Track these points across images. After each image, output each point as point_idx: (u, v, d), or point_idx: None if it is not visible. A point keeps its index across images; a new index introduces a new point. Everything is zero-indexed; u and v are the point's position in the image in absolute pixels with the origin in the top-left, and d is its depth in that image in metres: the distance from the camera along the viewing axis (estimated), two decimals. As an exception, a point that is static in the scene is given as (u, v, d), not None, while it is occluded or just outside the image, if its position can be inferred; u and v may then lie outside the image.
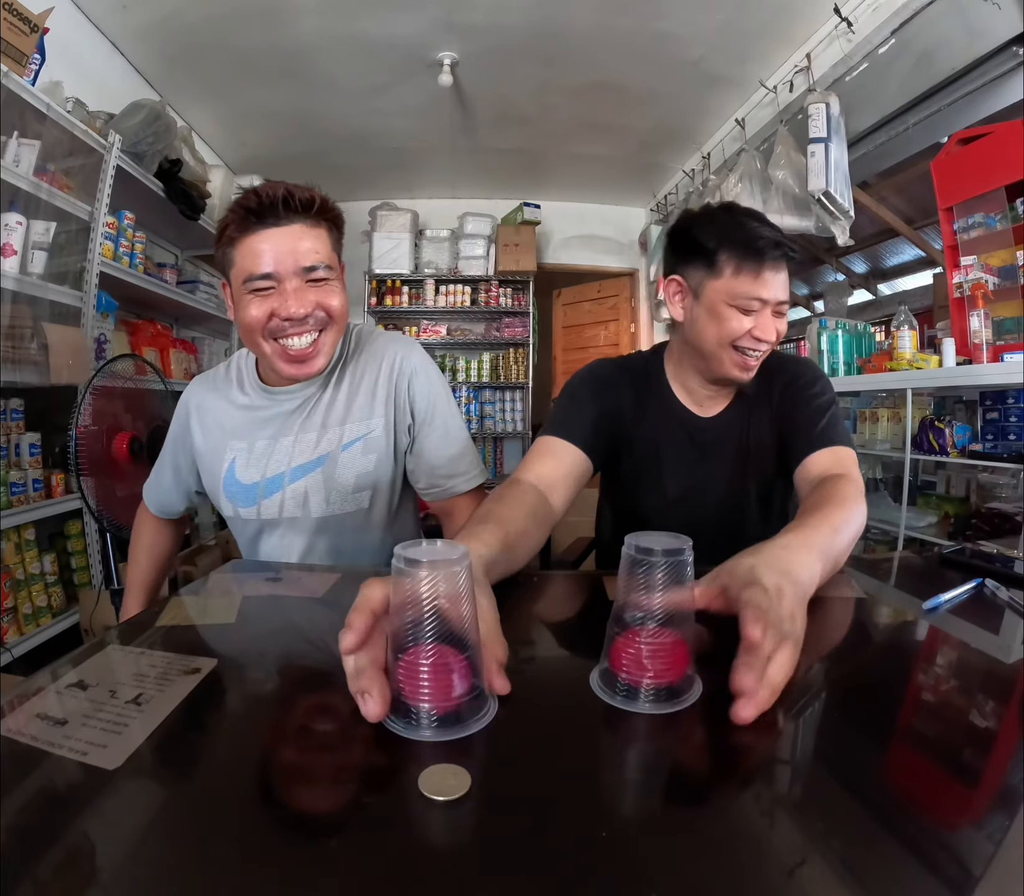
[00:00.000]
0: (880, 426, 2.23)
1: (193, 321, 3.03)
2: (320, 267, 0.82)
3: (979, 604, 0.63)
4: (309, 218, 0.81)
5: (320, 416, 0.94)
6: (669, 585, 0.41)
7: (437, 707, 0.38)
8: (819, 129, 2.14)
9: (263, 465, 0.94)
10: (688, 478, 0.98)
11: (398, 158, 3.64)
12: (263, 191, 0.79)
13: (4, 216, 1.57)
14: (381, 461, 0.95)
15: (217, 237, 0.85)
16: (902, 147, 2.49)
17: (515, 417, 4.23)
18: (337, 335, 0.89)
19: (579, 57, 2.60)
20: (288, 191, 0.79)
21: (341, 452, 0.93)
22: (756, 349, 0.87)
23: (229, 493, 0.96)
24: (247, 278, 0.81)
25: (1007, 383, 1.74)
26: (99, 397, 1.30)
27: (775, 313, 0.87)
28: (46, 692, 0.44)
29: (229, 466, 0.96)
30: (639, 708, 0.41)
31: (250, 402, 0.96)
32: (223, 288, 0.90)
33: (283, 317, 0.81)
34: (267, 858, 0.29)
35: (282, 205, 0.79)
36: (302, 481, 0.94)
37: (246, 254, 0.81)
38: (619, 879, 0.27)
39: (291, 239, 0.80)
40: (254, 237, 0.80)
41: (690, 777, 0.37)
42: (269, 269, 0.80)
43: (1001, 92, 2.03)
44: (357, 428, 0.94)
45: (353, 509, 0.95)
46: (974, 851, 0.29)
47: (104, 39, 2.40)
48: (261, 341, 0.84)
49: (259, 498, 0.95)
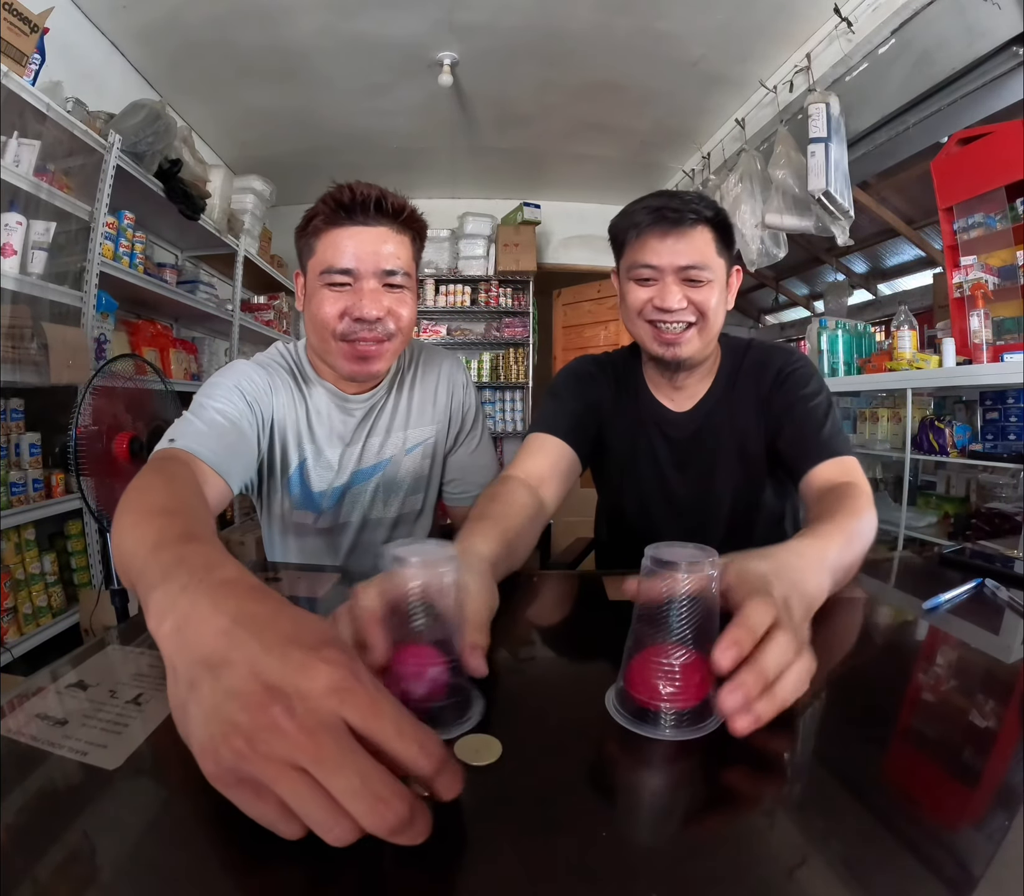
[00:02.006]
0: (880, 426, 2.23)
1: (193, 321, 3.03)
2: (399, 273, 0.82)
3: (979, 604, 0.63)
4: (396, 224, 0.82)
5: (385, 421, 0.97)
6: (696, 602, 0.38)
7: (417, 708, 0.35)
8: (819, 129, 2.14)
9: (331, 477, 0.95)
10: (661, 474, 0.97)
11: (398, 158, 3.64)
12: (357, 189, 0.79)
13: (4, 216, 1.57)
14: (433, 465, 1.01)
15: (302, 225, 0.84)
16: (902, 147, 2.49)
17: (515, 417, 4.22)
18: (401, 345, 0.89)
19: (579, 57, 2.60)
20: (382, 193, 0.80)
21: (405, 456, 0.98)
22: (663, 320, 0.83)
23: (293, 493, 0.95)
24: (326, 269, 0.81)
25: (1007, 383, 1.74)
26: (99, 397, 1.30)
27: (685, 281, 0.82)
28: (46, 692, 0.44)
29: (299, 465, 0.93)
30: (659, 734, 0.38)
31: (317, 403, 0.94)
32: (295, 278, 0.90)
33: (355, 317, 0.81)
34: (267, 858, 0.29)
35: (374, 206, 0.79)
36: (363, 485, 0.97)
37: (328, 246, 0.81)
38: (619, 879, 0.27)
39: (376, 240, 0.80)
40: (340, 231, 0.80)
41: (689, 778, 0.37)
42: (350, 265, 0.80)
43: (1001, 92, 2.03)
44: (418, 433, 0.99)
45: (408, 511, 1.01)
46: (974, 851, 0.29)
47: (104, 39, 2.40)
48: (329, 338, 0.84)
49: (322, 507, 0.96)
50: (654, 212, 0.80)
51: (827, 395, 0.89)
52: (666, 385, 0.96)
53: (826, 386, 0.91)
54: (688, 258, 0.80)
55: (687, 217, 0.79)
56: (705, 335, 0.85)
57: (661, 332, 0.84)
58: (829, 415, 0.86)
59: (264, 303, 3.77)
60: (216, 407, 0.82)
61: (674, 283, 0.82)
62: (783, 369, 0.90)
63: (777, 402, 0.89)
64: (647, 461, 0.97)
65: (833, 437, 0.84)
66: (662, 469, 0.97)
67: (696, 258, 0.80)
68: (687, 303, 0.82)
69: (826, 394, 0.89)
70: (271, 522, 1.00)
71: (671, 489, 0.97)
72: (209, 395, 0.84)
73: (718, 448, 0.94)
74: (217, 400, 0.83)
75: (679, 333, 0.84)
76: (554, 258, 4.31)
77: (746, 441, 0.93)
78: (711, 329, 0.85)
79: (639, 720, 0.39)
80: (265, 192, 3.32)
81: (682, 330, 0.84)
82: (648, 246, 0.82)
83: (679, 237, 0.80)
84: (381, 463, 0.97)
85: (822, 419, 0.85)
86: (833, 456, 0.80)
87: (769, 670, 0.37)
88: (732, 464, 0.94)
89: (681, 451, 0.96)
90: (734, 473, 0.94)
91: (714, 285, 0.83)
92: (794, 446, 0.86)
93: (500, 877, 0.28)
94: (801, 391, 0.88)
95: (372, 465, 0.96)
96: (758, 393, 0.91)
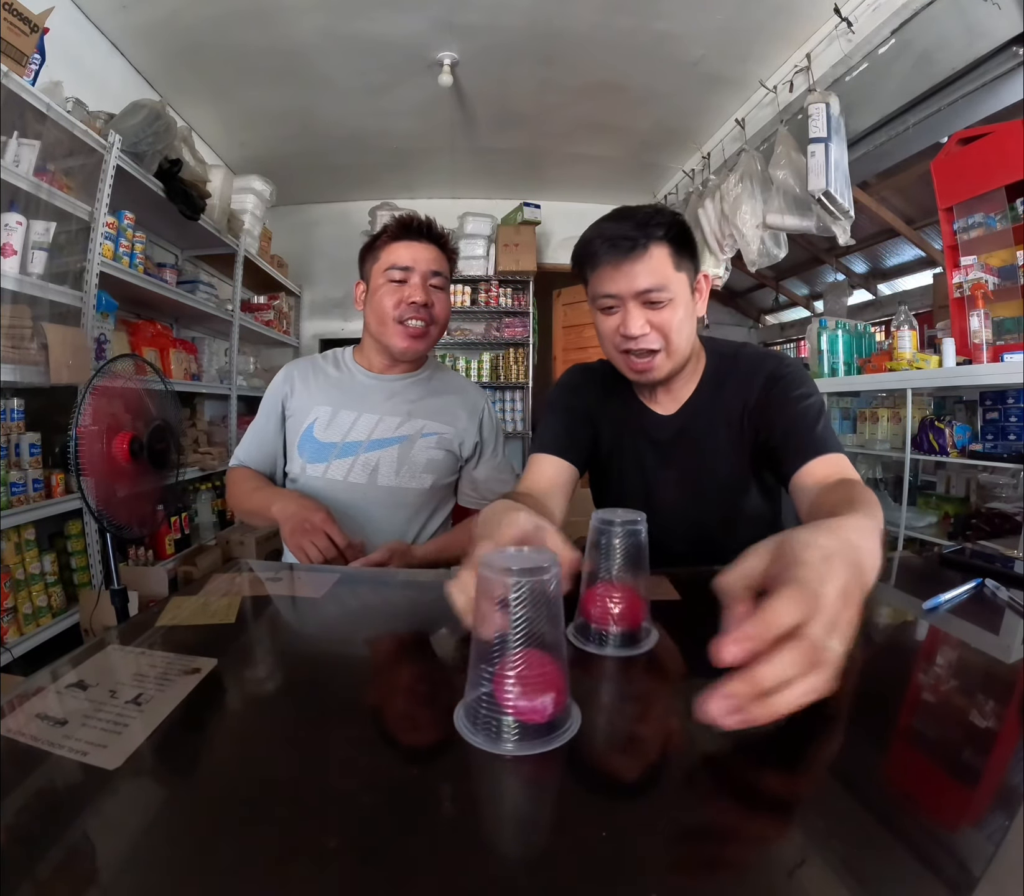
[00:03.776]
0: (880, 426, 2.23)
1: (193, 321, 3.03)
2: (441, 275, 1.12)
3: (979, 604, 0.63)
4: (438, 244, 1.13)
5: (407, 406, 1.16)
6: (626, 551, 0.52)
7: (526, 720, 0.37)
8: (819, 129, 2.14)
9: (344, 431, 1.14)
10: (644, 476, 0.98)
11: (398, 158, 3.64)
12: (415, 216, 1.12)
13: (4, 216, 1.57)
14: (447, 458, 1.17)
15: (370, 242, 1.15)
16: (902, 147, 2.49)
17: (515, 417, 4.22)
18: (437, 334, 1.16)
19: (579, 57, 2.60)
20: (430, 221, 1.13)
21: (420, 437, 1.15)
22: (630, 349, 0.85)
23: (303, 448, 1.14)
24: (390, 266, 1.09)
25: (1007, 383, 1.74)
26: (99, 397, 1.29)
27: (646, 304, 0.83)
28: (46, 692, 0.44)
29: (310, 425, 1.14)
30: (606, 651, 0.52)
31: (343, 377, 1.19)
32: (356, 287, 1.18)
33: (409, 302, 1.08)
34: (267, 858, 0.29)
35: (427, 229, 1.11)
36: (377, 452, 1.13)
37: (392, 252, 1.10)
38: (619, 879, 0.27)
39: (427, 251, 1.11)
40: (402, 244, 1.11)
41: (690, 777, 0.37)
42: (408, 264, 1.09)
43: (1001, 92, 2.03)
44: (436, 426, 1.16)
45: (416, 486, 1.14)
46: (974, 851, 0.29)
47: (104, 39, 2.40)
48: (390, 322, 1.10)
49: (331, 457, 1.13)
50: (607, 241, 0.82)
51: (819, 398, 0.89)
52: (650, 391, 0.97)
53: (818, 390, 0.91)
54: (645, 282, 0.81)
55: (639, 243, 0.81)
56: (673, 357, 0.87)
57: (632, 361, 0.87)
58: (822, 415, 0.86)
59: (264, 303, 3.77)
60: (256, 424, 1.21)
61: (635, 308, 0.83)
62: (774, 373, 0.90)
63: (768, 403, 0.89)
64: (632, 463, 0.99)
65: (827, 436, 0.83)
66: (645, 471, 0.98)
67: (652, 281, 0.82)
68: (650, 328, 0.84)
69: (818, 397, 0.89)
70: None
71: (654, 491, 0.98)
72: (259, 410, 1.22)
73: (701, 450, 0.94)
74: (258, 417, 1.21)
75: (648, 361, 0.86)
76: (554, 258, 4.31)
77: (730, 444, 0.93)
78: (678, 350, 0.87)
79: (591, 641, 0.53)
80: (265, 192, 3.32)
81: (649, 358, 0.86)
82: (606, 276, 0.84)
83: (634, 262, 0.81)
84: (399, 438, 1.14)
85: (815, 417, 0.85)
86: (826, 453, 0.80)
87: (766, 682, 0.34)
88: (715, 466, 0.94)
89: (664, 453, 0.96)
90: (717, 475, 0.94)
91: (676, 303, 0.84)
92: (787, 443, 0.85)
93: (500, 876, 0.28)
94: (794, 392, 0.88)
95: (390, 437, 1.14)
96: (747, 397, 0.91)
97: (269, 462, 1.20)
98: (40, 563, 1.73)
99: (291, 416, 1.17)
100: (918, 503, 2.17)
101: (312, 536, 0.92)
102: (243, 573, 0.84)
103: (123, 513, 1.35)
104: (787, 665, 0.34)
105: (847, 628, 0.36)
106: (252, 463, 1.20)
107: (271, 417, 1.19)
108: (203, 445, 2.88)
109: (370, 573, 0.88)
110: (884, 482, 2.38)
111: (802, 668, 0.34)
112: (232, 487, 1.18)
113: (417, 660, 0.57)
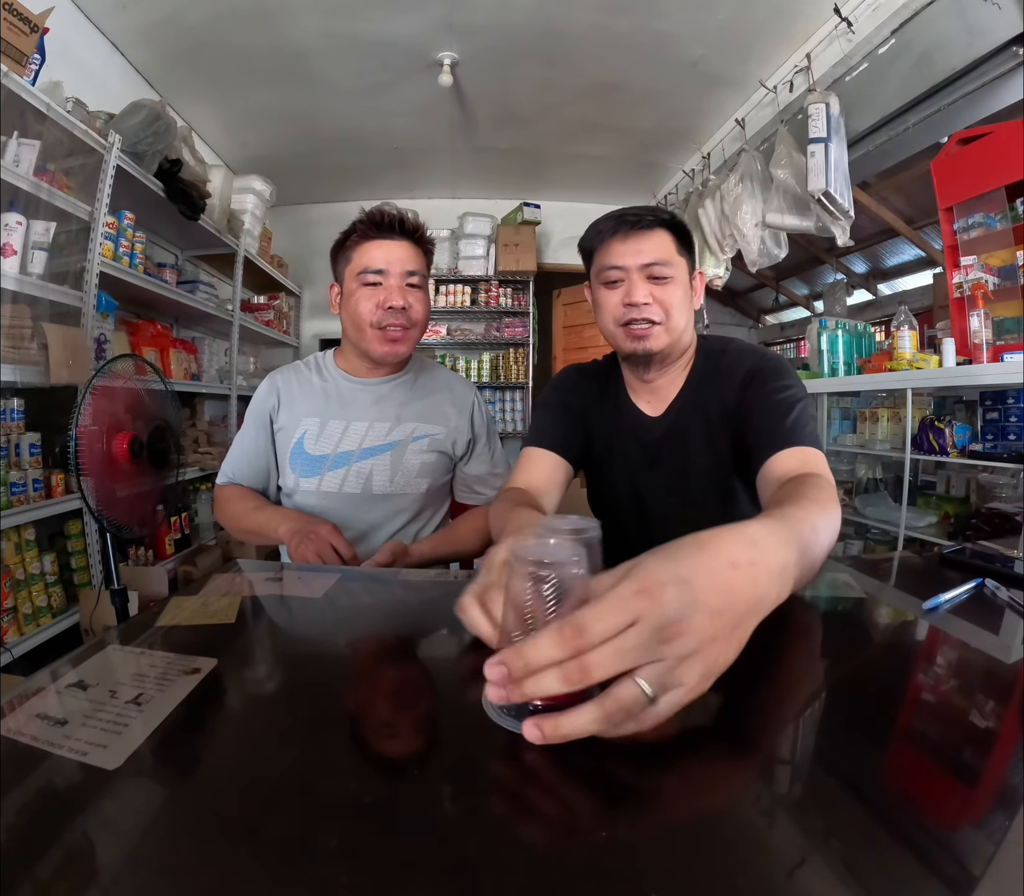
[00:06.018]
0: (880, 426, 2.23)
1: (193, 321, 3.03)
2: (418, 273, 1.06)
3: (979, 604, 0.63)
4: (412, 239, 1.06)
5: (395, 410, 1.12)
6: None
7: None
8: (819, 129, 2.14)
9: (334, 442, 1.10)
10: (631, 475, 0.98)
11: (398, 158, 3.64)
12: (385, 212, 1.04)
13: (4, 216, 1.57)
14: (440, 459, 1.14)
15: (340, 243, 1.07)
16: (902, 147, 2.49)
17: (515, 417, 4.23)
18: (417, 335, 1.10)
19: (579, 57, 2.60)
20: (402, 216, 1.05)
21: (412, 441, 1.12)
22: (636, 317, 0.87)
23: (295, 463, 1.11)
24: (363, 270, 1.03)
25: (1007, 383, 1.74)
26: (99, 397, 1.29)
27: (650, 278, 0.87)
28: (46, 692, 0.44)
29: (299, 439, 1.11)
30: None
31: (328, 386, 1.14)
32: (331, 289, 1.12)
33: (386, 307, 1.02)
34: (268, 858, 0.29)
35: (398, 224, 1.04)
36: (369, 461, 1.10)
37: (364, 254, 1.04)
38: (618, 879, 0.27)
39: (400, 250, 1.04)
40: (373, 243, 1.04)
41: (689, 777, 0.37)
42: (382, 266, 1.03)
43: (1001, 92, 2.03)
44: (427, 428, 1.13)
45: (412, 491, 1.12)
46: (974, 851, 0.29)
47: (104, 39, 2.40)
48: (367, 328, 1.04)
49: (324, 470, 1.09)
50: (615, 219, 0.88)
51: (798, 391, 0.86)
52: (643, 388, 0.97)
53: (801, 384, 0.88)
54: (650, 255, 0.86)
55: (645, 220, 0.87)
56: (671, 333, 0.90)
57: (632, 329, 0.89)
58: (796, 408, 0.83)
59: (264, 303, 3.78)
60: (244, 438, 1.16)
61: (640, 280, 0.87)
62: (753, 368, 0.89)
63: (745, 401, 0.88)
64: (620, 462, 0.99)
65: (798, 428, 0.80)
66: (632, 470, 0.98)
67: (658, 255, 0.87)
68: (652, 300, 0.87)
69: (798, 390, 0.86)
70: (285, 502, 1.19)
71: (641, 490, 0.98)
72: (245, 423, 1.17)
73: (686, 449, 0.94)
74: (245, 431, 1.16)
75: (647, 328, 0.89)
76: (554, 258, 4.32)
77: (713, 442, 0.92)
78: (676, 327, 0.90)
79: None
80: (265, 192, 3.32)
81: (649, 326, 0.89)
82: (613, 250, 0.88)
83: (640, 238, 0.87)
84: (390, 444, 1.11)
85: (787, 410, 0.82)
86: (795, 445, 0.77)
87: (531, 664, 0.33)
88: (700, 465, 0.94)
89: (651, 452, 0.97)
90: (702, 475, 0.94)
91: (677, 283, 0.88)
92: (757, 437, 0.82)
93: (500, 876, 0.28)
94: (769, 385, 0.86)
95: (381, 445, 1.11)
96: (725, 396, 0.90)
97: (261, 478, 1.15)
98: (40, 563, 1.73)
99: (280, 429, 1.13)
100: (918, 503, 2.17)
101: (317, 546, 0.90)
102: (243, 573, 0.84)
103: (123, 513, 1.36)
104: (549, 651, 0.33)
105: (616, 662, 0.33)
106: (244, 480, 1.15)
107: (260, 430, 1.14)
108: (203, 445, 2.88)
109: (370, 573, 0.88)
110: (884, 482, 2.38)
111: (588, 679, 0.33)
112: (226, 506, 1.12)
113: (417, 659, 0.57)
